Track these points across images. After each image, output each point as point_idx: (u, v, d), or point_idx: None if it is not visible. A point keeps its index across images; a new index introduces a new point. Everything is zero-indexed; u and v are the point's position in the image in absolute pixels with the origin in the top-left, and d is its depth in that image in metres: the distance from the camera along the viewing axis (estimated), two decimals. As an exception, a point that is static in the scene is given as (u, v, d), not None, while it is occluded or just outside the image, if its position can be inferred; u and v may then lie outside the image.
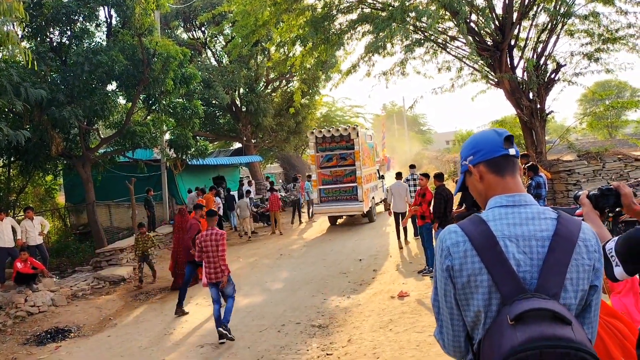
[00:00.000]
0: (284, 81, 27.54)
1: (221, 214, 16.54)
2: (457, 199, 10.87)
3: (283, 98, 27.57)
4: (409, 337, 6.45)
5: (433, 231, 9.50)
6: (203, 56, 24.89)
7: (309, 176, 18.02)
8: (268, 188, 19.52)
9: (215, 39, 25.36)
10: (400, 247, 12.09)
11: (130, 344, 7.66)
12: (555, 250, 1.49)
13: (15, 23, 7.57)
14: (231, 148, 30.91)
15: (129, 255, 12.96)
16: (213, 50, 25.86)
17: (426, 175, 10.21)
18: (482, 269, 1.49)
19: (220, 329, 7.04)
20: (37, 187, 18.29)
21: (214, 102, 22.88)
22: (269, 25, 12.29)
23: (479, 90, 13.34)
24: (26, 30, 12.40)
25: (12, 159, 15.01)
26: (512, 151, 1.66)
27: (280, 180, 25.31)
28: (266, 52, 24.45)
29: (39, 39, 12.87)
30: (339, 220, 17.57)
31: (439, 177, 9.79)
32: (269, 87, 27.14)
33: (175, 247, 10.92)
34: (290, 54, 13.31)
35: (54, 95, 11.75)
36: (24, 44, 12.15)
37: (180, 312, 8.84)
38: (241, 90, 24.39)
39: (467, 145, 1.77)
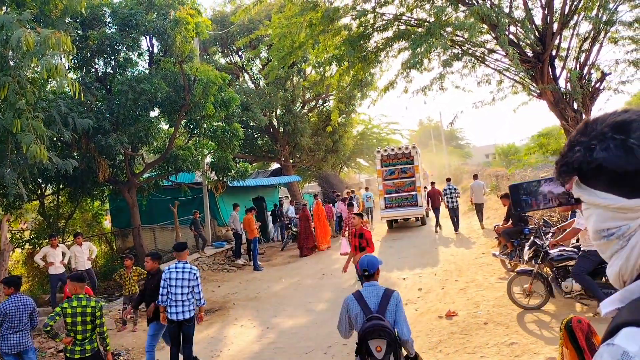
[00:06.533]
0: (320, 101, 27.75)
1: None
2: (503, 215, 10.64)
3: (320, 117, 27.76)
4: (460, 358, 6.25)
5: None
6: (241, 80, 25.35)
7: (353, 191, 23.66)
8: (347, 202, 20.72)
9: (252, 62, 25.82)
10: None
11: (178, 367, 7.69)
12: (383, 298, 4.00)
13: (63, 56, 7.78)
14: (270, 169, 31.21)
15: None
16: (250, 73, 26.33)
17: (360, 215, 9.34)
18: (357, 306, 4.00)
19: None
20: (84, 212, 18.88)
21: (252, 124, 23.21)
22: (305, 47, 12.39)
23: (521, 102, 12.98)
24: (73, 62, 12.83)
25: (60, 186, 15.60)
26: None
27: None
28: (302, 73, 24.73)
29: (85, 70, 13.39)
30: (395, 224, 20.44)
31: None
32: (305, 108, 27.38)
33: (301, 230, 16.74)
34: (327, 74, 13.37)
35: (100, 123, 12.17)
36: (71, 75, 12.64)
37: None
38: (278, 112, 24.68)
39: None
